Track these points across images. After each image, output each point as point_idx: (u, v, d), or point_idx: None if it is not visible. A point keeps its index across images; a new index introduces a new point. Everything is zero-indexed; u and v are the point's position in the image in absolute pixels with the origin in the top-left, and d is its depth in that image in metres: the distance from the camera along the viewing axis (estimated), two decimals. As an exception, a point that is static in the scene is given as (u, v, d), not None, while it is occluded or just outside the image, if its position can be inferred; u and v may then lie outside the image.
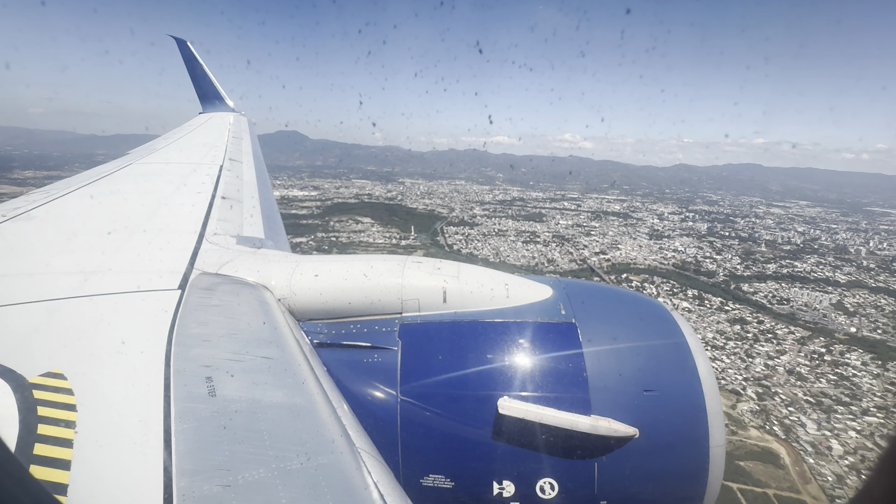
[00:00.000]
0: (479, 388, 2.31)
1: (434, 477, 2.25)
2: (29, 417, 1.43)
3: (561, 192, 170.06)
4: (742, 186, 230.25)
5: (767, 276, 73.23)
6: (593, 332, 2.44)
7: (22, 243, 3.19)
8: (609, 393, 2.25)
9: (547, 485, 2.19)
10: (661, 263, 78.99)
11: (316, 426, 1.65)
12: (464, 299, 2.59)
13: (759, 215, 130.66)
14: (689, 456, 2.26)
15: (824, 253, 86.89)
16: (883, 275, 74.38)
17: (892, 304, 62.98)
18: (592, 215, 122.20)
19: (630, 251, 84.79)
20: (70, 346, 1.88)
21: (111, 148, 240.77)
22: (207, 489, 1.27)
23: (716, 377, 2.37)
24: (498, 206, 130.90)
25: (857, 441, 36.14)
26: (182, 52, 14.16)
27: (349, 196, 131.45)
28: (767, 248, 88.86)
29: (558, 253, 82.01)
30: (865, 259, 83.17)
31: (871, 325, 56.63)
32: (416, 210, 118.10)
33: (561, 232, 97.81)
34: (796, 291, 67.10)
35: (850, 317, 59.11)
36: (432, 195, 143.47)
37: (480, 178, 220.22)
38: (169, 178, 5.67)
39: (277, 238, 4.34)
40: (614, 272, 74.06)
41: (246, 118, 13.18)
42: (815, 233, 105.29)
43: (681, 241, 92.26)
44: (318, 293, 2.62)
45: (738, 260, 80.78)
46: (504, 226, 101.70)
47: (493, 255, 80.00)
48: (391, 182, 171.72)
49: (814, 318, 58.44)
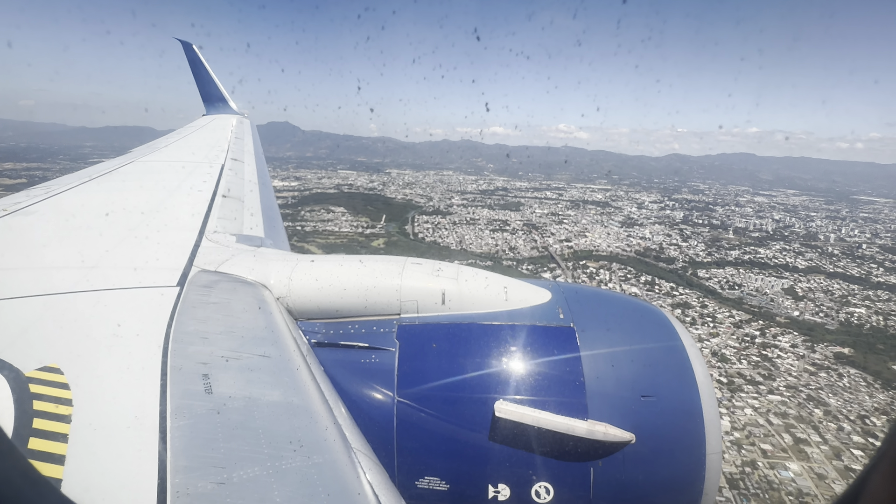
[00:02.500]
0: (477, 391, 2.30)
1: (429, 479, 2.24)
2: (25, 411, 1.43)
3: (548, 181, 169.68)
4: (733, 176, 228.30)
5: (727, 263, 73.53)
6: (591, 336, 2.44)
7: (21, 238, 3.23)
8: (606, 398, 2.25)
9: (542, 489, 2.18)
10: (623, 250, 79.36)
11: (311, 425, 1.65)
12: (462, 301, 2.60)
13: (740, 204, 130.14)
14: (685, 462, 2.25)
15: (792, 240, 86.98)
16: (844, 261, 74.58)
17: (843, 288, 63.37)
18: (571, 204, 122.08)
19: (596, 238, 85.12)
20: (67, 341, 1.89)
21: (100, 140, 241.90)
22: (202, 486, 1.25)
23: (714, 384, 2.40)
24: (479, 195, 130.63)
25: (750, 417, 36.96)
26: (188, 55, 14.38)
27: (329, 186, 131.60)
28: (735, 236, 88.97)
29: (522, 241, 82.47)
30: (832, 246, 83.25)
31: (815, 310, 57.17)
32: (394, 200, 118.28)
33: (533, 220, 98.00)
34: (751, 277, 67.52)
35: (798, 301, 59.62)
36: (415, 185, 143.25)
37: (470, 169, 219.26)
38: (170, 176, 5.72)
39: (277, 237, 4.40)
40: (574, 259, 74.58)
41: (249, 121, 13.28)
42: (790, 220, 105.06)
43: (651, 229, 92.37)
44: (316, 293, 2.62)
45: (702, 247, 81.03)
46: (478, 215, 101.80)
47: (456, 243, 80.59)
48: (377, 173, 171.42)
49: (760, 303, 58.98)
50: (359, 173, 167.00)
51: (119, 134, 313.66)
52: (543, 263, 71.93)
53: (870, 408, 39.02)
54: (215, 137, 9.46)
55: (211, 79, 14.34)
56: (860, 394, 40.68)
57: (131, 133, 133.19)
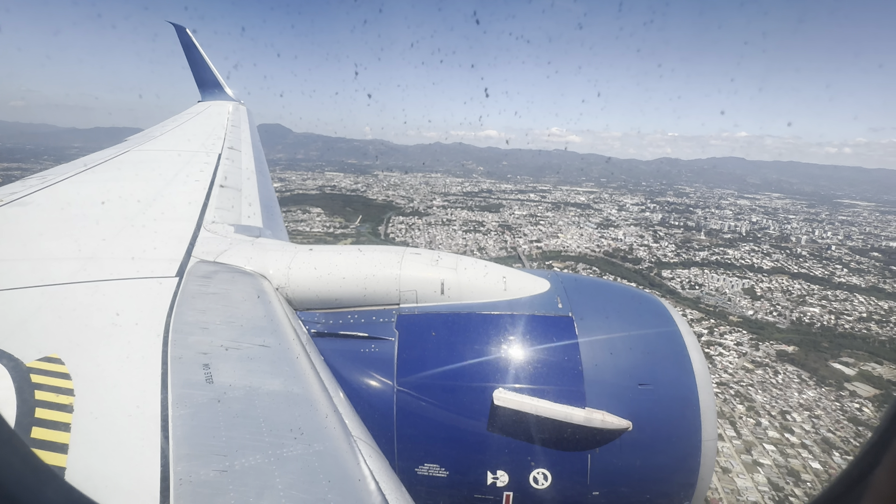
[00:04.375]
0: (476, 380, 2.32)
1: (429, 466, 2.27)
2: (26, 401, 1.43)
3: (535, 184, 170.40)
4: (720, 179, 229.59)
5: (694, 264, 74.15)
6: (589, 325, 2.46)
7: (18, 228, 3.20)
8: (604, 386, 2.28)
9: (540, 475, 2.22)
10: (593, 251, 79.97)
11: (312, 414, 1.66)
12: (461, 291, 2.61)
13: (721, 206, 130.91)
14: (682, 449, 2.28)
15: (763, 241, 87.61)
16: (810, 262, 75.22)
17: (803, 288, 63.91)
18: (552, 206, 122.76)
19: (568, 239, 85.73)
20: (67, 331, 1.89)
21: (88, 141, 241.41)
22: (204, 474, 1.27)
23: (710, 372, 2.39)
24: (461, 197, 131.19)
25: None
26: (181, 38, 14.01)
27: (312, 188, 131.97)
28: (707, 237, 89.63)
29: (493, 241, 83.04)
30: (802, 247, 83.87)
31: (770, 309, 57.69)
32: (375, 201, 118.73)
33: (510, 222, 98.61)
34: (714, 277, 68.08)
35: (755, 301, 60.16)
36: (398, 187, 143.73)
37: (459, 171, 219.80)
38: (167, 165, 5.68)
39: (276, 227, 4.39)
40: (542, 259, 75.08)
41: (245, 107, 13.22)
42: (766, 223, 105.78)
43: (626, 231, 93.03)
44: (315, 283, 2.63)
45: (672, 248, 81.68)
46: (456, 216, 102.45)
47: (426, 243, 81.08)
48: (364, 175, 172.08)
49: (717, 303, 59.51)
50: (345, 175, 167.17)
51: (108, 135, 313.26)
52: (509, 263, 72.21)
53: (795, 404, 39.51)
54: (211, 125, 9.41)
55: (205, 63, 13.97)
56: (790, 390, 41.20)
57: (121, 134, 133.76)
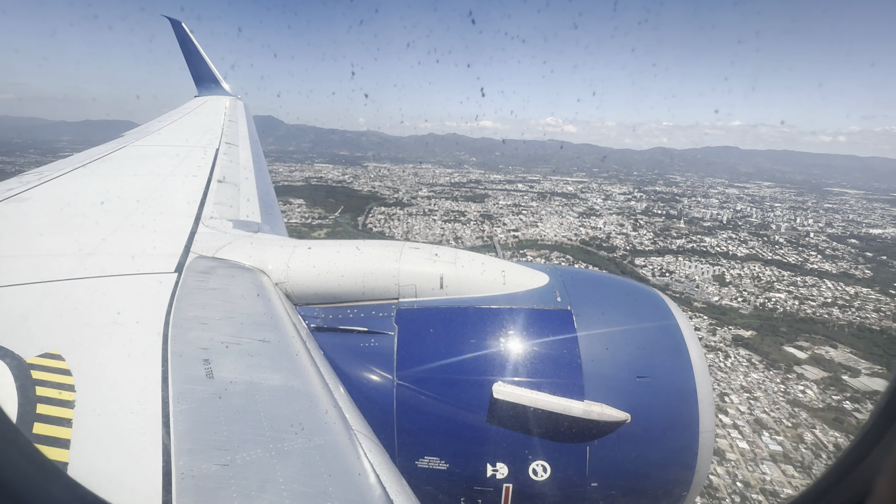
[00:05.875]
0: (475, 373, 2.34)
1: (429, 459, 2.29)
2: (28, 397, 1.44)
3: (525, 174, 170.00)
4: (712, 169, 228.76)
5: (669, 251, 74.44)
6: (588, 319, 2.47)
7: (17, 224, 3.20)
8: (602, 379, 2.30)
9: (539, 467, 2.24)
10: (570, 240, 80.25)
11: (312, 408, 1.67)
12: (460, 285, 2.63)
13: (708, 195, 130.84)
14: (680, 440, 2.31)
15: (742, 229, 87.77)
16: (786, 248, 75.47)
17: (774, 275, 64.27)
18: (539, 196, 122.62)
19: (547, 229, 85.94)
20: (67, 328, 1.89)
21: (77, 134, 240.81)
22: (206, 468, 1.28)
23: (708, 364, 2.47)
24: (449, 188, 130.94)
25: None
26: (177, 33, 13.82)
27: (299, 179, 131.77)
28: (686, 225, 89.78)
29: (471, 231, 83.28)
30: (780, 235, 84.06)
31: (736, 295, 58.08)
32: (359, 192, 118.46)
33: (492, 212, 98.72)
34: (686, 265, 68.40)
35: (722, 287, 60.54)
36: (386, 178, 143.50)
37: (451, 162, 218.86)
38: (164, 161, 5.71)
39: (274, 223, 4.41)
40: (517, 248, 75.39)
41: (242, 102, 13.14)
42: (750, 211, 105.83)
43: (607, 219, 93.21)
44: (314, 278, 2.65)
45: (651, 236, 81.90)
46: (439, 206, 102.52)
47: (403, 233, 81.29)
48: (354, 166, 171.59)
49: (685, 289, 59.87)
50: (335, 166, 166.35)
51: (98, 128, 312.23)
52: (481, 252, 72.48)
53: (737, 386, 40.01)
54: (209, 121, 9.44)
55: (202, 58, 13.83)
56: (735, 373, 41.68)
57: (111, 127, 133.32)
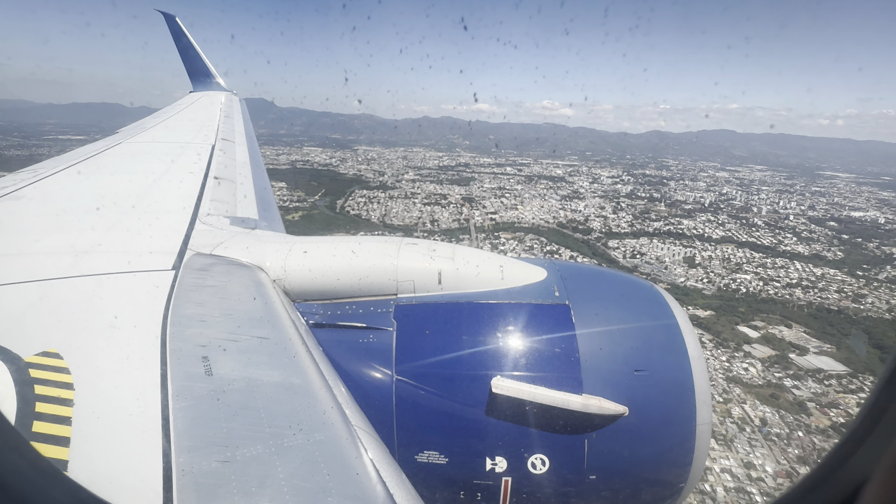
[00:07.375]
0: (473, 368, 2.35)
1: (429, 454, 2.30)
2: (26, 396, 1.44)
3: (516, 157, 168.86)
4: (707, 152, 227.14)
5: (645, 234, 74.51)
6: (586, 313, 2.48)
7: (12, 222, 3.19)
8: (600, 373, 2.31)
9: (538, 460, 2.26)
10: (547, 222, 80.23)
11: (312, 404, 1.67)
12: (459, 281, 2.64)
13: (696, 178, 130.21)
14: (677, 433, 2.33)
15: (722, 212, 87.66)
16: (762, 231, 75.53)
17: (745, 257, 64.52)
18: (525, 179, 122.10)
19: (526, 212, 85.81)
20: (65, 326, 1.89)
21: (64, 117, 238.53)
22: (206, 465, 1.28)
23: (705, 357, 2.47)
24: (436, 171, 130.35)
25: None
26: (171, 27, 13.61)
27: (285, 163, 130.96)
28: (667, 208, 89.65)
29: (448, 214, 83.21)
30: (760, 218, 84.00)
31: (702, 276, 58.45)
32: (344, 176, 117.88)
33: (475, 195, 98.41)
34: (659, 246, 68.58)
35: (690, 269, 60.84)
36: (373, 161, 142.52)
37: (443, 145, 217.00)
38: (160, 157, 5.68)
39: (272, 219, 4.40)
40: (492, 231, 75.48)
41: (238, 97, 13.00)
42: (735, 194, 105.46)
43: (589, 202, 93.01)
44: (313, 274, 2.65)
45: (629, 219, 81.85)
46: (422, 189, 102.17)
47: (380, 216, 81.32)
48: (343, 149, 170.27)
49: (652, 271, 60.19)
50: (324, 150, 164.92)
51: (86, 111, 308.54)
52: (456, 235, 72.83)
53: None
54: (204, 116, 9.44)
55: (196, 53, 13.67)
56: None
57: (99, 110, 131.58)
